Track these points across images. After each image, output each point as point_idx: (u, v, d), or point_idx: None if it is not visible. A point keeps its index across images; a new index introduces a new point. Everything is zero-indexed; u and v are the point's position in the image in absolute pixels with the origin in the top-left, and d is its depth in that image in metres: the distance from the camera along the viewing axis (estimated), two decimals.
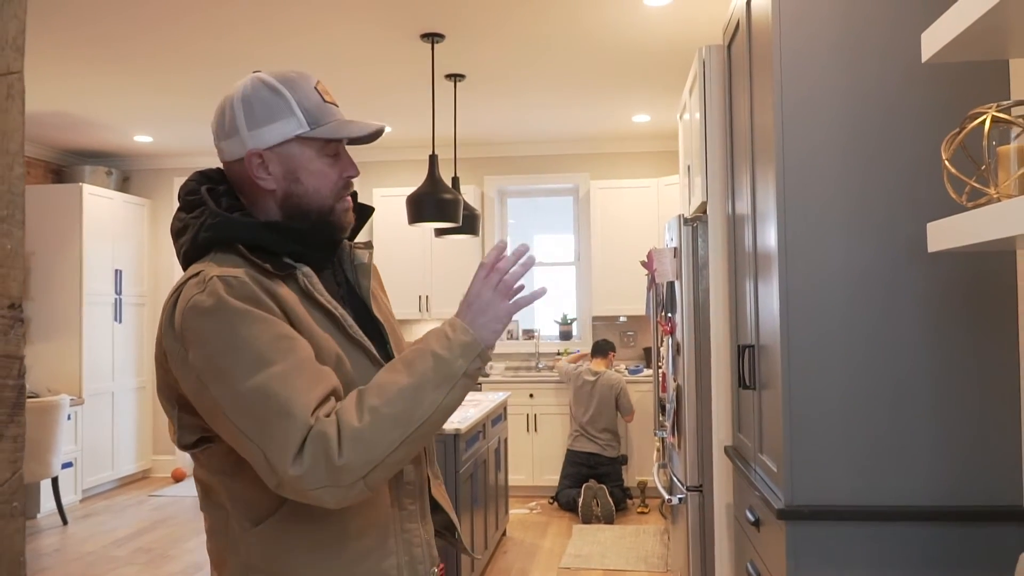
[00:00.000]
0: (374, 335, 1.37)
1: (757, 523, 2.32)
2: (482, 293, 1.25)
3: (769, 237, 2.15)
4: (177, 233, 1.34)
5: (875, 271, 2.00)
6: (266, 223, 1.29)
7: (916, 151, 1.98)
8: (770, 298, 2.16)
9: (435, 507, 1.47)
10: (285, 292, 1.26)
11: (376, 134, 1.35)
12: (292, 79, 1.31)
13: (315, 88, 1.32)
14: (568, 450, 5.92)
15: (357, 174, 1.36)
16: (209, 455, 1.26)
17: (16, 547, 0.48)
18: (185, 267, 1.32)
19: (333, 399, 1.18)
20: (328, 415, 1.14)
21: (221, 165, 1.38)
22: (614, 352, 6.05)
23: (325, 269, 1.37)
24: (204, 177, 1.36)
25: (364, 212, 1.45)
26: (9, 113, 0.49)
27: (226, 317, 1.16)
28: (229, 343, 1.15)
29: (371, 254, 1.45)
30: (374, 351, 1.32)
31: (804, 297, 2.02)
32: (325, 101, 1.31)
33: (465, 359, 1.20)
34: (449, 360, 1.19)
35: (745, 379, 2.48)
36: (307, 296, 1.28)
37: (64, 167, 7.04)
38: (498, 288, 1.25)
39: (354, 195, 1.42)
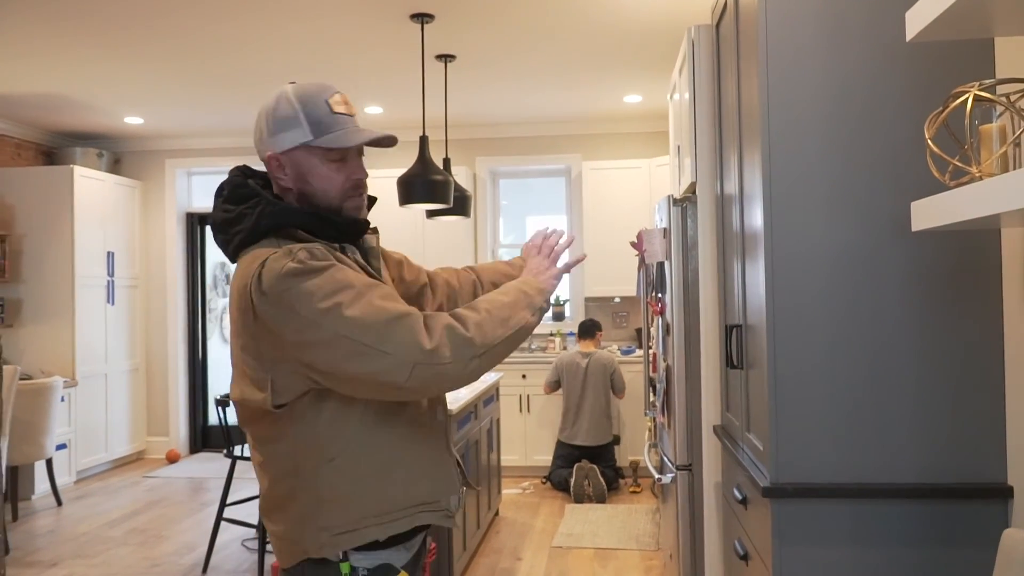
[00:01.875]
0: None
1: (744, 501, 2.35)
2: (540, 263, 1.70)
3: (756, 217, 2.16)
4: (228, 223, 1.52)
5: (859, 250, 2.01)
6: (314, 212, 1.50)
7: (900, 130, 1.99)
8: (756, 278, 2.17)
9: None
10: (348, 261, 1.49)
11: (382, 141, 1.53)
12: (308, 93, 1.51)
13: (327, 101, 1.50)
14: (559, 441, 5.94)
15: (364, 176, 1.56)
16: (292, 408, 1.45)
17: None
18: (236, 251, 1.51)
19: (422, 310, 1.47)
20: (433, 314, 1.42)
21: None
22: (601, 332, 6.05)
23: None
24: (245, 173, 1.57)
25: (368, 200, 1.63)
26: None
27: (321, 271, 1.39)
28: (332, 287, 1.37)
29: (378, 238, 1.67)
30: None
31: (789, 277, 2.03)
32: (334, 112, 1.50)
33: (540, 297, 1.58)
34: (531, 295, 1.56)
35: (733, 359, 2.49)
36: (360, 267, 1.51)
37: (55, 149, 6.99)
38: (549, 256, 1.72)
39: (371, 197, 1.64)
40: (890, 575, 1.96)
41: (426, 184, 4.15)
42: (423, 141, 4.29)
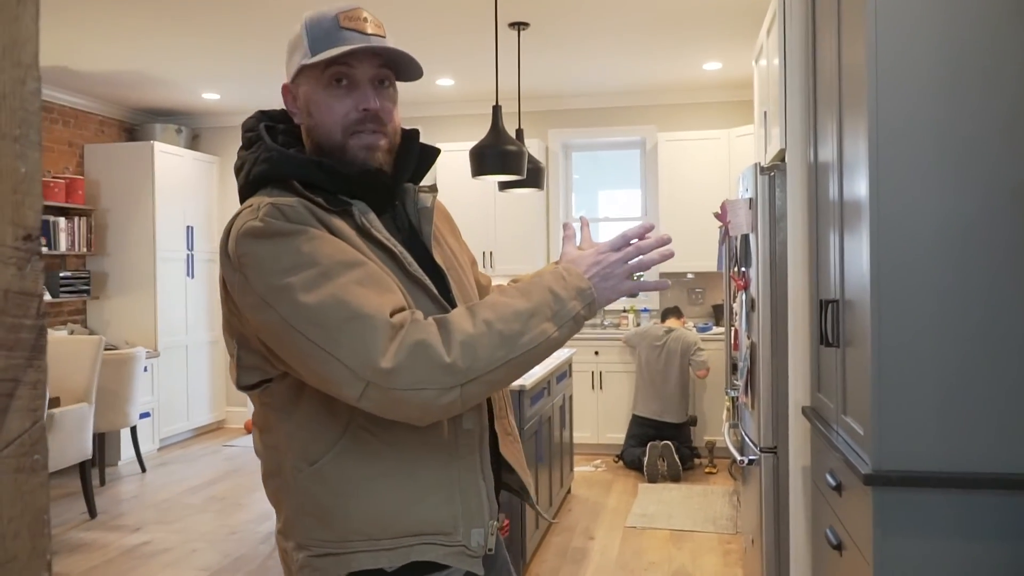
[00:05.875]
0: (435, 279, 1.31)
1: (838, 488, 2.21)
2: (612, 260, 1.22)
3: (859, 186, 2.01)
4: (236, 172, 1.31)
5: (976, 222, 1.84)
6: (318, 161, 1.25)
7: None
8: (858, 251, 2.02)
9: (510, 466, 1.41)
10: (341, 226, 1.22)
11: (389, 52, 1.26)
12: (322, 11, 1.26)
13: (337, 15, 1.24)
14: (634, 415, 5.84)
15: (373, 106, 1.25)
16: (268, 394, 1.24)
17: (39, 503, 0.43)
18: (241, 204, 1.29)
19: (406, 311, 1.15)
20: (414, 320, 1.12)
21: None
22: (684, 316, 6.06)
23: (384, 212, 1.32)
24: (264, 115, 1.34)
25: (429, 154, 1.39)
26: (20, 20, 0.42)
27: (284, 236, 1.14)
28: (291, 260, 1.13)
29: (434, 198, 1.40)
30: (434, 290, 1.27)
31: (897, 250, 1.88)
32: (341, 27, 1.23)
33: (579, 302, 1.19)
34: (565, 299, 1.18)
35: (828, 336, 2.35)
36: (364, 233, 1.24)
37: (136, 126, 7.16)
38: (628, 263, 1.23)
39: (416, 134, 1.37)
40: (999, 570, 1.81)
41: (499, 155, 4.06)
42: (496, 111, 4.20)
